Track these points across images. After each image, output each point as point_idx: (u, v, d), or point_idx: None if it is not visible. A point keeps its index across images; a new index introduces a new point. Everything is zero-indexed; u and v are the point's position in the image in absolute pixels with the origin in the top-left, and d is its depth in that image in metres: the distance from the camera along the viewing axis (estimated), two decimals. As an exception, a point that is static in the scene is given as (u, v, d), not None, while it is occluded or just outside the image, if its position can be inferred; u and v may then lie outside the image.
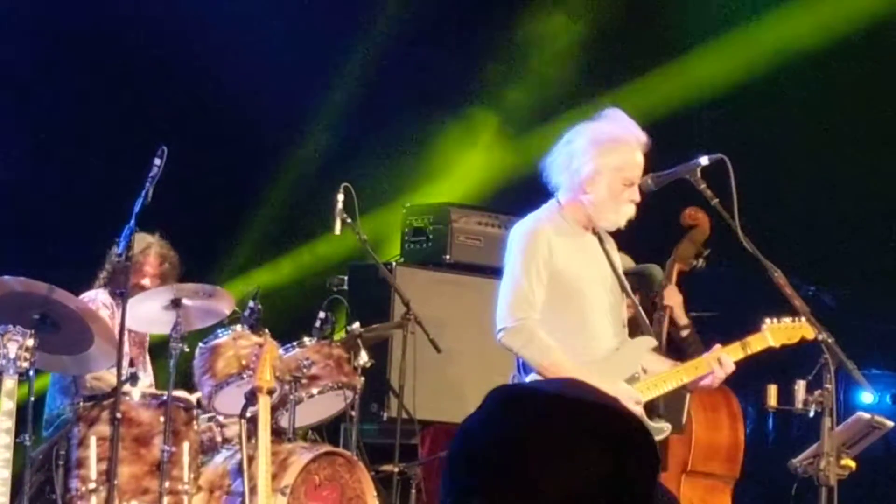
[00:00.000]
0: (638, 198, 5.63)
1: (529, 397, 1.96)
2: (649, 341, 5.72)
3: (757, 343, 5.72)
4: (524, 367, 5.50)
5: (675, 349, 6.75)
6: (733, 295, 8.35)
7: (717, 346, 5.71)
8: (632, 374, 5.55)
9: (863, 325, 8.69)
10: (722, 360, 5.60)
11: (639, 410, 5.38)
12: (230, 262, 8.83)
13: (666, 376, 5.59)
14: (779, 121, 9.63)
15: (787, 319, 5.76)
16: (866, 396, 8.88)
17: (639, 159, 5.63)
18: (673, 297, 6.75)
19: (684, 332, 6.93)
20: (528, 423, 1.91)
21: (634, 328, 5.87)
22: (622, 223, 5.64)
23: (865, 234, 9.66)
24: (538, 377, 5.37)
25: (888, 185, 9.27)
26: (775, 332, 5.74)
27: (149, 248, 7.26)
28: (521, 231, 5.62)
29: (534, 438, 1.89)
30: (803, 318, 5.70)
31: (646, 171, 5.70)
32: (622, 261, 7.27)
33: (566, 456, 1.88)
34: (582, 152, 5.58)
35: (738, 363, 5.70)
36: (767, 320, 5.77)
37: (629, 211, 5.61)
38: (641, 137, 5.65)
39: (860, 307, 9.15)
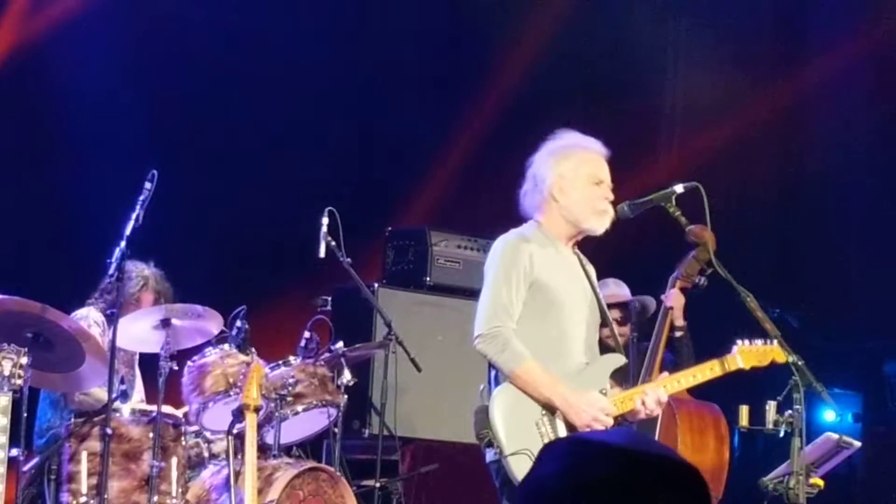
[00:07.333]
0: (611, 196, 5.62)
1: (595, 450, 2.01)
2: (618, 358, 5.64)
3: (727, 365, 5.66)
4: (496, 378, 5.47)
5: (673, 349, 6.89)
6: (704, 313, 8.43)
7: (664, 374, 5.66)
8: (599, 390, 5.49)
9: (825, 346, 8.78)
10: (645, 401, 5.48)
11: (610, 422, 5.37)
12: (219, 281, 8.85)
13: (633, 393, 5.54)
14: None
15: (759, 342, 5.67)
16: (829, 415, 8.99)
17: (599, 158, 5.65)
18: (675, 300, 6.78)
19: (678, 333, 7.03)
20: (598, 474, 1.96)
21: (607, 351, 5.79)
22: (605, 223, 5.62)
23: (827, 256, 9.74)
24: (510, 386, 5.38)
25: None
26: (746, 355, 5.66)
27: (145, 284, 7.36)
28: (504, 242, 5.61)
29: (605, 490, 1.95)
30: (775, 342, 5.65)
31: None
32: (618, 289, 7.40)
33: None
34: (542, 167, 5.64)
35: (706, 383, 5.68)
36: (739, 342, 5.68)
37: (606, 209, 5.61)
38: (597, 145, 5.70)
39: (822, 328, 9.25)
